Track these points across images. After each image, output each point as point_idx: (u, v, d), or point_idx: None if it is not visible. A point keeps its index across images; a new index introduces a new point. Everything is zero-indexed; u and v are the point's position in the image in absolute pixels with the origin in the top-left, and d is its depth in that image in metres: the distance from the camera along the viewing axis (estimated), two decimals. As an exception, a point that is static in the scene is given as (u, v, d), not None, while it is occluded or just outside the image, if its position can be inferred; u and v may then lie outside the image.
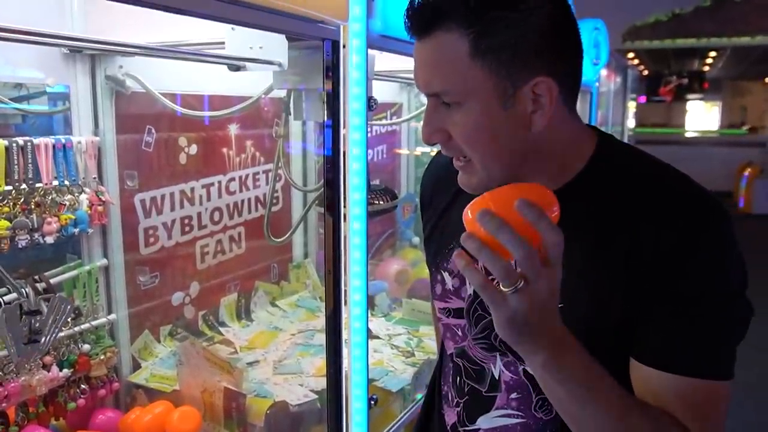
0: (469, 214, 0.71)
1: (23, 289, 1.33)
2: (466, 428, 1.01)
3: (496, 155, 0.84)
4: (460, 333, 1.01)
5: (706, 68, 18.15)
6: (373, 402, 1.47)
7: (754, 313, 0.83)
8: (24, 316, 1.23)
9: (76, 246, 1.69)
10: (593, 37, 3.21)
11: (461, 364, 1.01)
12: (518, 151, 0.84)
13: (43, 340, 1.21)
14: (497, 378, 0.96)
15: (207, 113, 1.98)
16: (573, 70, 0.85)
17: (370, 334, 2.00)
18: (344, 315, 1.40)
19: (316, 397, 1.74)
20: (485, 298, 0.69)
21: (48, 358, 1.52)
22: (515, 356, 0.94)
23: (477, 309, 0.98)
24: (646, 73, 17.97)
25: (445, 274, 1.02)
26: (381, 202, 1.84)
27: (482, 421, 0.99)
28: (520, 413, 0.95)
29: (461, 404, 1.03)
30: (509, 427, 0.96)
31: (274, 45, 1.39)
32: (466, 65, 0.79)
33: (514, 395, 0.95)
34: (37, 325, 1.23)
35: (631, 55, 13.55)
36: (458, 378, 1.03)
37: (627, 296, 0.81)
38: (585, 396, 0.76)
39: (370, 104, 1.34)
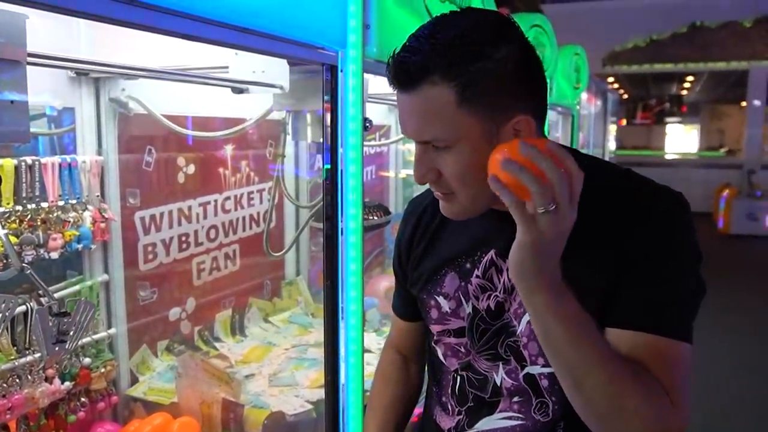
0: (506, 151, 0.79)
1: (31, 303, 1.39)
2: None
3: (484, 189, 0.89)
4: (462, 350, 1.07)
5: (684, 92, 18.56)
6: (368, 410, 1.52)
7: (706, 290, 0.93)
8: (53, 318, 1.28)
9: (78, 262, 1.74)
10: (573, 61, 3.34)
11: (465, 376, 1.07)
12: None
13: (69, 340, 1.26)
14: (499, 385, 1.03)
15: (206, 134, 2.06)
16: (543, 102, 0.95)
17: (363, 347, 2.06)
18: (342, 325, 1.46)
19: (312, 407, 1.80)
20: (517, 216, 0.77)
21: (50, 371, 1.56)
22: (517, 361, 1.01)
23: (479, 324, 1.04)
24: (626, 96, 18.32)
25: (440, 299, 1.08)
26: (375, 217, 1.91)
27: (483, 424, 1.04)
28: (520, 416, 1.01)
29: (463, 411, 1.08)
30: (508, 428, 1.02)
31: (276, 69, 1.47)
32: (454, 113, 0.86)
33: (515, 399, 1.02)
34: (64, 326, 1.28)
35: (611, 79, 13.84)
36: (461, 388, 1.08)
37: (606, 285, 0.91)
38: (580, 335, 0.83)
39: (366, 125, 1.42)
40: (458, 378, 1.09)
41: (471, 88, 0.85)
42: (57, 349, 1.27)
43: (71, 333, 1.30)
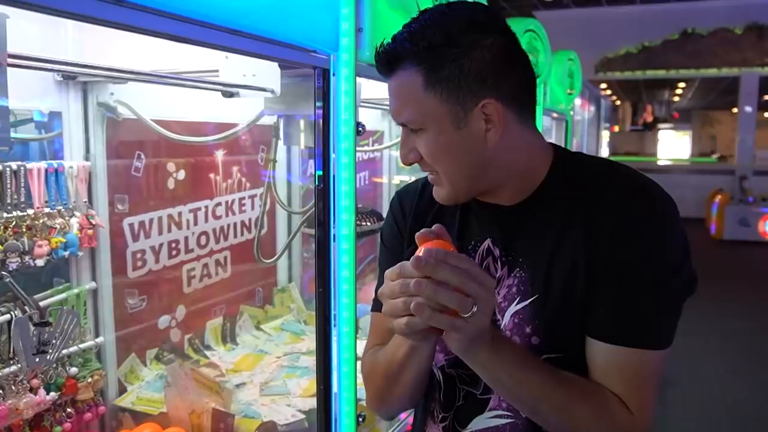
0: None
1: (15, 311, 1.35)
2: None
3: (458, 169, 0.97)
4: None
5: (676, 98, 18.66)
6: (361, 419, 1.49)
7: (696, 286, 0.94)
8: (34, 327, 1.25)
9: (65, 269, 1.70)
10: (567, 67, 3.33)
11: (454, 373, 1.05)
12: (477, 164, 0.97)
13: (51, 350, 1.22)
14: None
15: (196, 138, 2.02)
16: (520, 90, 0.97)
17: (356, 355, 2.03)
18: (334, 333, 1.43)
19: (304, 416, 1.77)
20: (454, 329, 0.80)
21: (35, 381, 1.52)
22: None
23: None
24: (618, 103, 18.40)
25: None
26: (368, 224, 1.89)
27: (476, 423, 1.03)
28: (509, 413, 1.00)
29: (450, 415, 1.06)
30: (499, 427, 1.01)
31: (267, 73, 1.45)
32: (422, 96, 0.92)
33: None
34: (46, 336, 1.25)
35: (603, 85, 13.90)
36: (449, 388, 1.06)
37: (587, 278, 0.93)
38: (523, 376, 0.90)
39: (358, 129, 1.40)
40: (444, 378, 1.07)
41: (436, 72, 0.91)
42: (38, 360, 1.23)
43: (53, 343, 1.26)
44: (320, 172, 1.39)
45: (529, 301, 0.97)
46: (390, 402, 1.13)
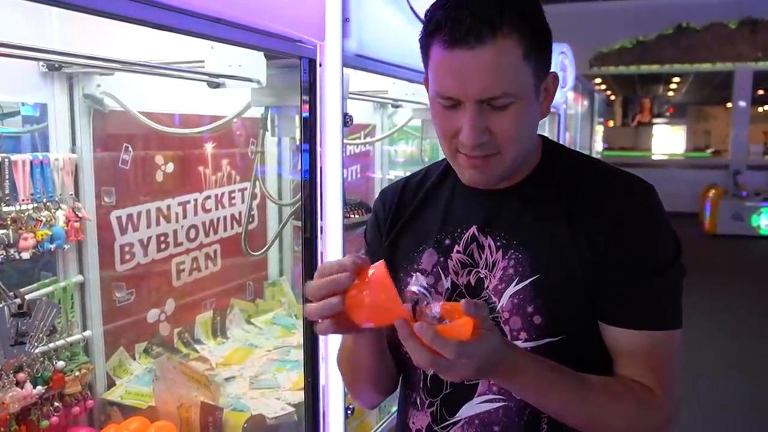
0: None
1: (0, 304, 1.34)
2: (446, 422, 1.03)
3: (525, 145, 0.95)
4: None
5: (671, 93, 18.68)
6: (350, 412, 1.49)
7: (686, 271, 0.97)
8: (11, 318, 1.23)
9: (52, 262, 1.69)
10: (559, 61, 3.32)
11: None
12: (532, 139, 0.98)
13: (29, 342, 1.21)
14: None
15: (185, 130, 2.01)
16: None
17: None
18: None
19: (293, 410, 1.76)
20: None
21: (21, 375, 1.51)
22: None
23: (458, 300, 1.02)
24: (613, 98, 18.41)
25: (417, 274, 1.06)
26: (356, 216, 1.88)
27: (465, 410, 1.01)
28: (501, 396, 0.98)
29: (436, 403, 1.05)
30: (491, 411, 0.99)
31: (253, 64, 1.43)
32: (521, 67, 0.87)
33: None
34: (24, 327, 1.24)
35: (598, 80, 13.89)
36: (433, 376, 1.05)
37: (589, 260, 0.94)
38: (545, 396, 0.90)
39: (346, 120, 1.39)
40: None
41: (534, 41, 0.87)
42: (15, 350, 1.22)
43: (32, 334, 1.25)
44: (307, 164, 1.38)
45: (529, 280, 0.96)
46: (359, 388, 1.15)
